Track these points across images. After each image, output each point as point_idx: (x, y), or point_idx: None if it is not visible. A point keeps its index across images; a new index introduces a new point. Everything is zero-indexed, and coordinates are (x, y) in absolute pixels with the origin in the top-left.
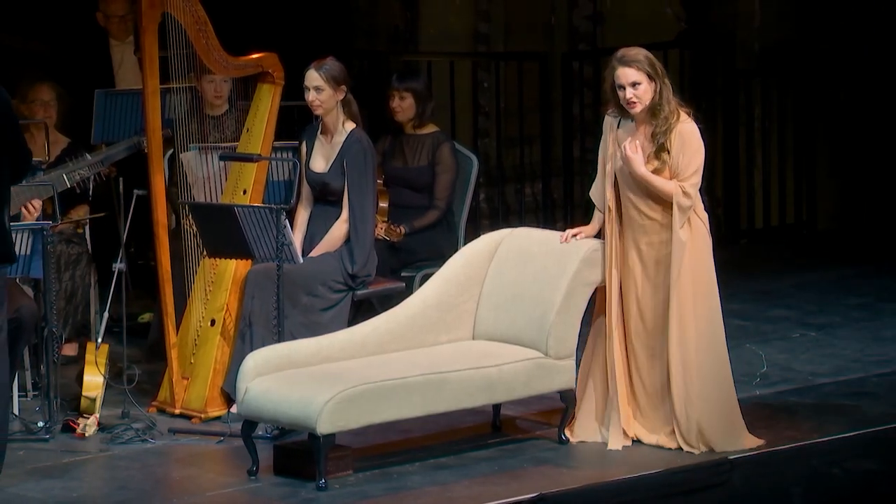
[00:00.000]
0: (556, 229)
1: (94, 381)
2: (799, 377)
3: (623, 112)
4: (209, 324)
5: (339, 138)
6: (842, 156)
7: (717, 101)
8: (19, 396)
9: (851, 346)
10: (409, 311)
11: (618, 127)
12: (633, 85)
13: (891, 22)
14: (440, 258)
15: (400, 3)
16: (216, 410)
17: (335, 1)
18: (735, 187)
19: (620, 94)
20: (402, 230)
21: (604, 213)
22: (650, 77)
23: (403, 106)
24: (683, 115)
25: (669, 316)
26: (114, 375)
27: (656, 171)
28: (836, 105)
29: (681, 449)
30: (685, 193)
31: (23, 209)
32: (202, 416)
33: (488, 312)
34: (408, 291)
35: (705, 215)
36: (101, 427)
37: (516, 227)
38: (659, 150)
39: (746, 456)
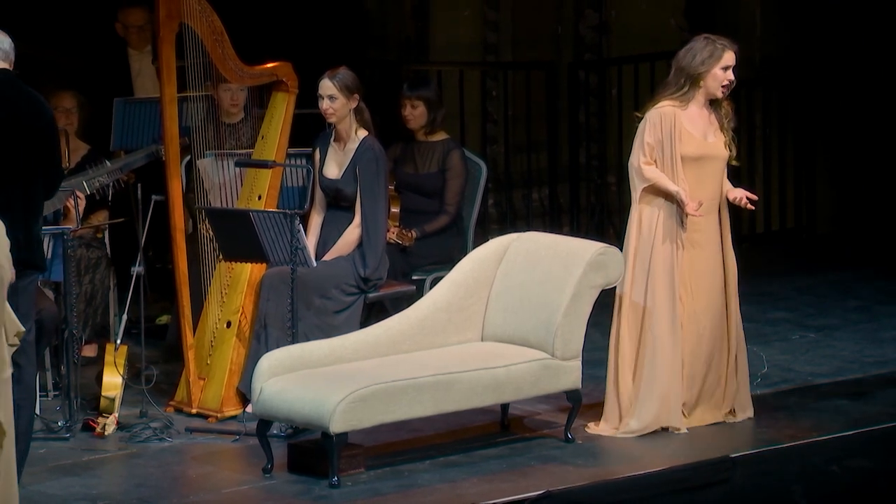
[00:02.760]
0: (563, 234)
1: (113, 381)
2: (799, 377)
3: (682, 103)
4: (225, 326)
5: (352, 145)
6: (840, 162)
7: None
8: (40, 396)
9: (850, 348)
10: (419, 314)
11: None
12: (733, 69)
13: (888, 33)
14: (450, 262)
15: (411, 13)
16: (232, 410)
17: (348, 11)
18: None
19: (724, 75)
20: (414, 234)
21: (674, 193)
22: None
23: (415, 114)
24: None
25: (728, 293)
26: (132, 376)
27: (736, 156)
28: (834, 113)
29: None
30: None
31: (67, 202)
32: (218, 415)
33: (496, 314)
34: (418, 294)
35: None
36: (120, 426)
37: (524, 231)
38: (731, 139)
39: (747, 454)
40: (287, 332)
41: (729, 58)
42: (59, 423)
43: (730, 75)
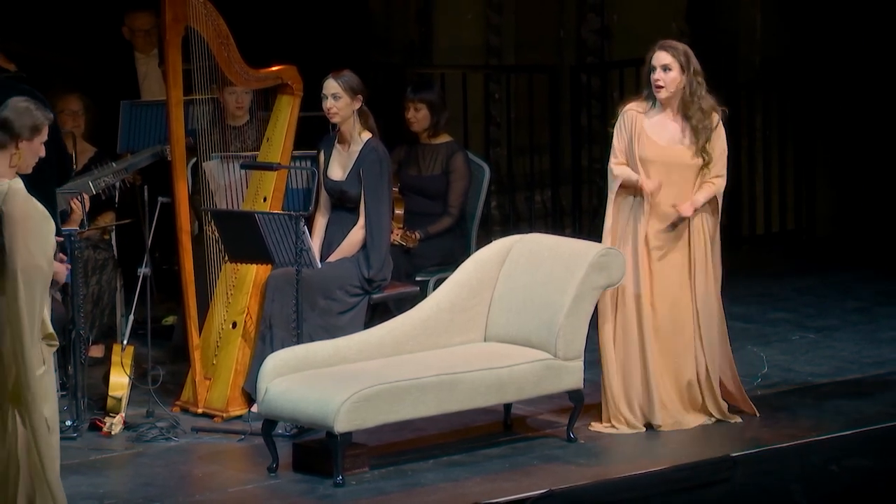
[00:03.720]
0: (565, 235)
1: (119, 381)
2: (798, 378)
3: (652, 102)
4: (231, 326)
5: (356, 147)
6: (840, 164)
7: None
8: None
9: (849, 348)
10: (423, 314)
11: (648, 114)
12: (665, 68)
13: (888, 34)
14: (453, 263)
15: (414, 17)
16: (237, 410)
17: (352, 15)
18: (737, 194)
19: (652, 76)
20: (417, 236)
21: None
22: (682, 67)
23: (418, 117)
24: (718, 116)
25: (706, 295)
26: (139, 376)
27: (702, 167)
28: (834, 115)
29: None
30: (721, 182)
31: (72, 202)
32: (224, 415)
33: (499, 315)
34: (422, 295)
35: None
36: (127, 426)
37: (526, 233)
38: (704, 147)
39: (748, 453)
40: (292, 333)
41: (655, 58)
42: (67, 423)
43: (657, 75)
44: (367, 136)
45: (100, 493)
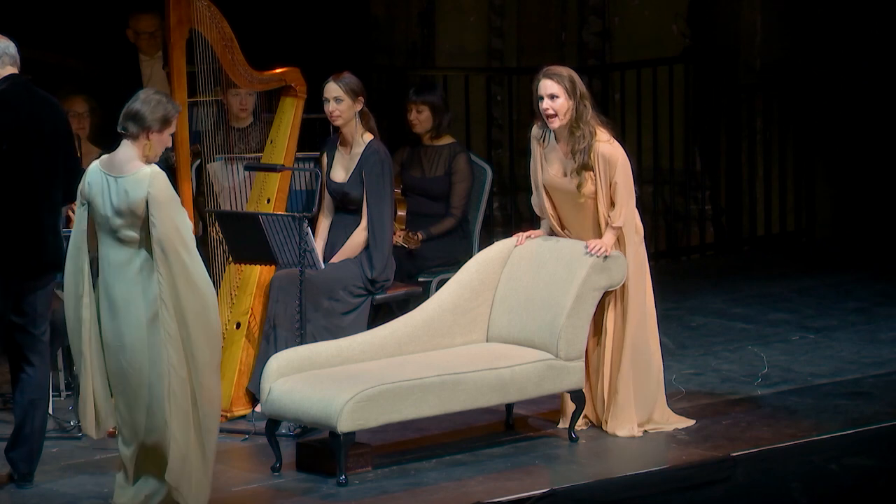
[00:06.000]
0: (566, 236)
1: None
2: (798, 378)
3: (546, 130)
4: (235, 327)
5: (358, 149)
6: (840, 166)
7: (720, 115)
8: (53, 396)
9: (848, 348)
10: (425, 315)
11: (544, 141)
12: (552, 97)
13: (887, 38)
14: (455, 264)
15: (417, 20)
16: (241, 409)
17: (355, 18)
18: (737, 197)
19: (540, 105)
20: (420, 237)
21: (549, 220)
22: (568, 94)
23: (421, 119)
24: (602, 134)
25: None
26: None
27: (579, 186)
28: (834, 118)
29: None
30: (625, 212)
31: (73, 207)
32: (228, 414)
33: (501, 316)
34: (424, 296)
35: (640, 228)
36: None
37: None
38: (581, 168)
39: (749, 453)
40: (295, 333)
41: (541, 87)
42: (72, 423)
43: (545, 105)
44: (368, 137)
45: (104, 493)
